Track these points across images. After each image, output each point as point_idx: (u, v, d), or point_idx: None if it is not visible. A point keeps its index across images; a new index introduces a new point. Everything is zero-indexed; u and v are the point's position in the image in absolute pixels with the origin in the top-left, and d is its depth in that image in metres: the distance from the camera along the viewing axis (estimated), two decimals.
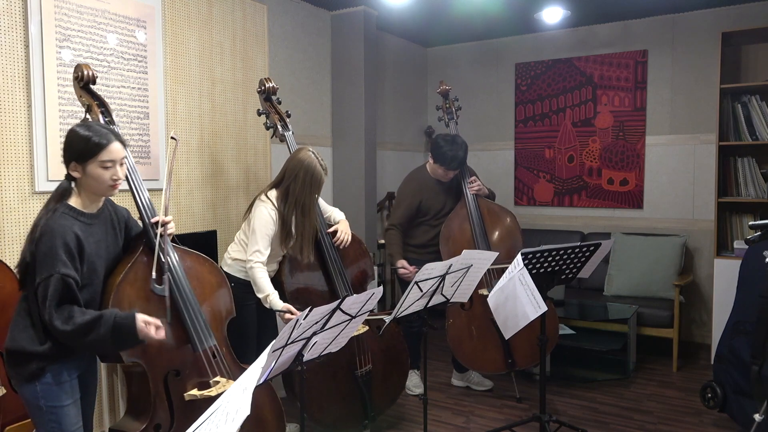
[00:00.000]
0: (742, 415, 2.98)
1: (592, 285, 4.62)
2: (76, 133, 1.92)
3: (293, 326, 1.80)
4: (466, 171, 3.73)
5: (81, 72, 2.29)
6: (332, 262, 3.03)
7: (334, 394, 2.96)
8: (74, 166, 1.92)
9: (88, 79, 2.29)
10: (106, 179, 1.93)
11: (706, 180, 4.60)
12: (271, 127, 3.23)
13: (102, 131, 1.93)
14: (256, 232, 2.76)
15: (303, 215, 2.83)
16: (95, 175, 1.91)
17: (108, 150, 1.91)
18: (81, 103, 2.34)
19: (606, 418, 3.41)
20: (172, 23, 3.23)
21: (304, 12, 4.27)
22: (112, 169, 1.93)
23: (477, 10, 4.48)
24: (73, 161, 1.91)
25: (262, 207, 2.80)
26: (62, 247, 1.82)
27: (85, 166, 1.90)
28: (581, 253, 2.88)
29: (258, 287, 2.75)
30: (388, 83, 5.29)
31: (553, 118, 5.23)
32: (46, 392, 1.88)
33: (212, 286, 2.38)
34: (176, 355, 2.16)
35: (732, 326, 3.10)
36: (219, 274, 2.43)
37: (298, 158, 2.84)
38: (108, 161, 1.91)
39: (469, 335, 3.59)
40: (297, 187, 2.80)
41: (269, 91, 3.23)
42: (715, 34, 4.27)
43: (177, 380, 2.14)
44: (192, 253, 2.35)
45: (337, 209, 3.25)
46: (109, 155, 1.91)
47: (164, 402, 2.11)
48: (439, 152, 3.56)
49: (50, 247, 1.81)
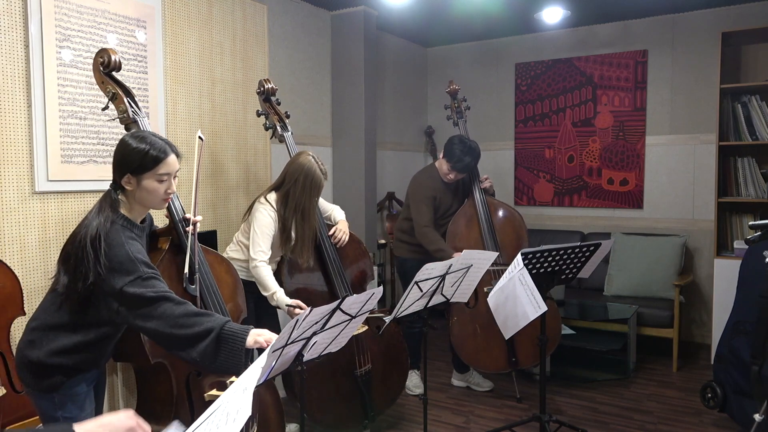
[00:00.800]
0: (742, 415, 2.98)
1: (592, 285, 4.62)
2: (130, 146, 1.84)
3: (293, 326, 1.80)
4: (477, 173, 3.76)
5: (107, 57, 2.12)
6: (332, 263, 3.03)
7: (334, 394, 2.96)
8: (128, 178, 1.84)
9: (114, 65, 2.14)
10: (161, 193, 1.87)
11: (706, 180, 4.60)
12: (271, 128, 3.24)
13: (159, 143, 1.85)
14: (257, 234, 2.78)
15: (303, 219, 2.84)
16: (150, 189, 1.85)
17: (166, 163, 1.85)
18: (104, 92, 2.20)
19: (606, 418, 3.41)
20: (172, 23, 3.23)
21: (304, 12, 4.27)
22: (167, 182, 1.88)
23: (477, 10, 4.48)
24: (128, 174, 1.84)
25: (262, 209, 2.82)
26: (137, 253, 1.79)
27: (140, 179, 1.84)
28: (581, 253, 2.88)
29: (264, 286, 2.75)
30: (388, 83, 5.29)
31: (553, 118, 5.23)
32: (64, 403, 1.84)
33: (229, 286, 2.40)
34: None
35: (732, 326, 3.10)
36: (235, 274, 2.46)
37: (298, 162, 2.86)
38: (165, 174, 1.86)
39: (473, 333, 3.59)
40: (297, 192, 2.81)
41: (268, 92, 3.24)
42: (715, 34, 4.27)
43: (198, 381, 2.14)
44: (211, 252, 2.37)
45: (337, 207, 3.25)
46: (166, 168, 1.85)
47: (185, 402, 2.11)
48: (450, 150, 3.58)
49: (125, 255, 1.76)
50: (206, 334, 1.74)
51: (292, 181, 2.83)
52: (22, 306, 2.36)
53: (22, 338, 1.89)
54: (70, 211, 2.73)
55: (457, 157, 3.53)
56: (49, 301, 1.87)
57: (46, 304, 1.88)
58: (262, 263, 2.76)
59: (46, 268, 2.62)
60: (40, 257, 2.60)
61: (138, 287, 1.74)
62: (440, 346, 4.60)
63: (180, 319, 1.75)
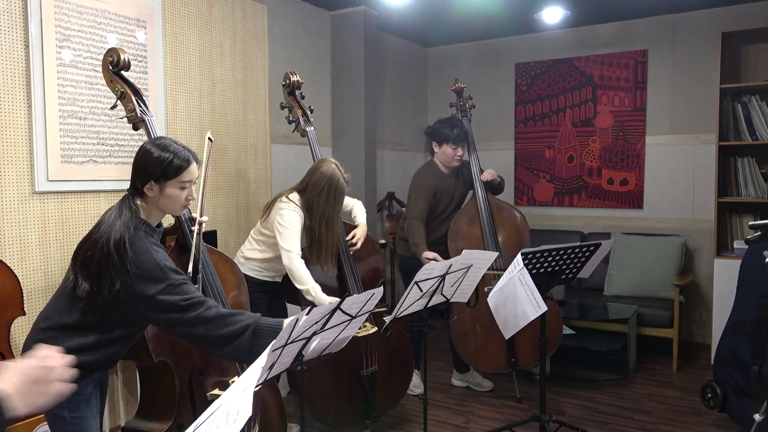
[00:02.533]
0: (742, 415, 2.98)
1: (592, 285, 4.62)
2: (153, 154, 1.86)
3: (293, 326, 1.80)
4: (477, 164, 3.74)
5: (116, 56, 2.14)
6: (347, 264, 3.06)
7: (338, 393, 2.96)
8: (151, 185, 1.86)
9: (124, 64, 2.15)
10: (182, 199, 1.90)
11: (706, 180, 4.60)
12: (293, 122, 3.23)
13: (181, 151, 1.88)
14: (288, 229, 2.77)
15: (327, 228, 2.84)
16: (172, 196, 1.88)
17: (188, 171, 1.88)
18: (113, 91, 2.21)
19: (606, 418, 3.41)
20: (172, 23, 3.23)
21: (304, 12, 4.27)
22: (188, 189, 1.90)
23: (477, 10, 4.48)
24: (151, 181, 1.86)
25: (286, 206, 2.81)
26: (165, 260, 1.80)
27: (163, 187, 1.86)
28: (581, 253, 2.88)
29: (300, 279, 2.73)
30: (388, 83, 5.29)
31: (553, 118, 5.23)
32: (72, 403, 1.82)
33: (233, 285, 2.41)
34: (203, 355, 2.16)
35: (732, 326, 3.09)
36: (239, 273, 2.46)
37: (321, 171, 2.85)
38: (187, 182, 1.89)
39: (474, 332, 3.59)
40: (321, 202, 2.82)
41: (294, 84, 3.22)
42: (715, 34, 4.27)
43: (200, 380, 2.15)
44: (216, 252, 2.38)
45: (358, 203, 3.26)
46: (189, 176, 1.88)
47: (188, 402, 2.11)
48: (440, 133, 3.60)
49: (154, 262, 1.77)
50: (242, 331, 1.78)
51: (316, 191, 2.82)
52: (22, 306, 2.36)
53: (30, 337, 1.87)
54: (70, 211, 2.73)
55: (450, 128, 3.56)
56: (63, 302, 1.86)
57: (60, 304, 1.87)
58: (296, 255, 2.75)
59: (46, 268, 2.62)
60: (40, 257, 2.60)
61: (170, 295, 1.76)
62: (440, 346, 4.60)
63: (215, 321, 1.78)
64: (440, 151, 3.63)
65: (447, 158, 3.63)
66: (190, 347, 2.11)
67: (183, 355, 2.11)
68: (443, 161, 3.66)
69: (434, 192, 3.60)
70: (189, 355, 2.13)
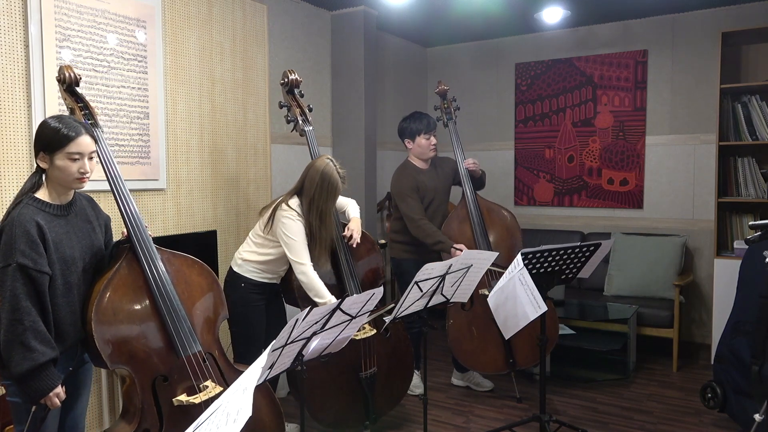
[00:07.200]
0: (742, 415, 2.98)
1: (592, 285, 4.62)
2: (47, 124, 1.94)
3: (293, 326, 1.80)
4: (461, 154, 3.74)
5: (63, 74, 2.25)
6: (345, 263, 3.05)
7: (338, 394, 2.96)
8: (42, 156, 1.94)
9: (71, 80, 2.25)
10: (73, 171, 1.94)
11: (706, 180, 4.60)
12: (292, 121, 3.22)
13: (72, 124, 1.95)
14: (295, 241, 2.78)
15: (321, 222, 2.84)
16: (62, 167, 1.93)
17: (76, 142, 1.93)
18: (66, 106, 2.30)
19: (606, 418, 3.41)
20: (172, 23, 3.23)
21: (304, 12, 4.27)
22: (80, 162, 1.94)
23: (477, 10, 4.48)
24: (41, 151, 1.93)
25: (288, 215, 2.80)
26: (23, 236, 1.83)
27: (53, 158, 1.92)
28: (581, 253, 2.88)
29: (318, 292, 2.78)
30: (388, 83, 5.29)
31: (553, 118, 5.23)
32: None
33: (202, 289, 2.31)
34: (163, 361, 2.12)
35: (732, 326, 3.09)
36: (209, 275, 2.36)
37: (315, 166, 2.86)
38: (76, 153, 1.93)
39: (470, 335, 3.58)
40: (316, 195, 2.82)
41: (292, 83, 3.20)
42: (715, 34, 4.27)
43: (165, 385, 2.11)
44: (180, 256, 2.29)
45: (352, 201, 3.25)
46: (77, 147, 1.93)
47: (152, 407, 2.08)
48: (411, 128, 3.62)
49: (10, 236, 1.83)
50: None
51: (312, 186, 2.82)
52: None
53: None
54: None
55: (419, 125, 3.59)
56: None
57: None
58: (310, 266, 2.78)
59: None
60: None
61: (4, 277, 1.82)
62: (440, 346, 4.60)
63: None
64: (414, 145, 3.63)
65: (423, 150, 3.63)
66: (148, 353, 2.08)
67: (142, 362, 2.07)
68: (419, 155, 3.65)
69: (416, 186, 3.59)
70: (148, 361, 2.09)
